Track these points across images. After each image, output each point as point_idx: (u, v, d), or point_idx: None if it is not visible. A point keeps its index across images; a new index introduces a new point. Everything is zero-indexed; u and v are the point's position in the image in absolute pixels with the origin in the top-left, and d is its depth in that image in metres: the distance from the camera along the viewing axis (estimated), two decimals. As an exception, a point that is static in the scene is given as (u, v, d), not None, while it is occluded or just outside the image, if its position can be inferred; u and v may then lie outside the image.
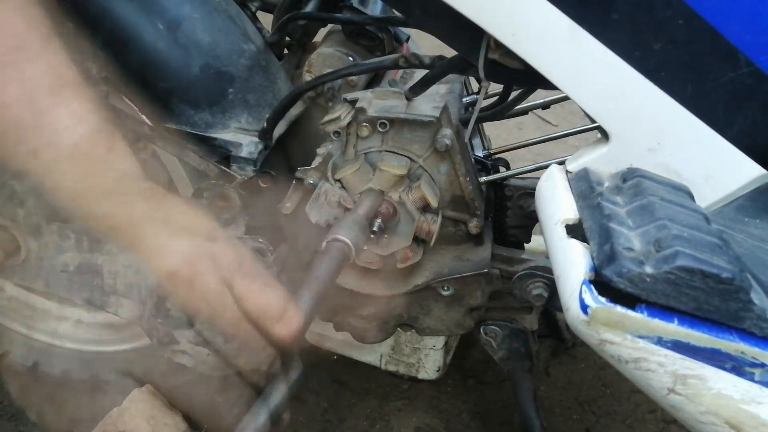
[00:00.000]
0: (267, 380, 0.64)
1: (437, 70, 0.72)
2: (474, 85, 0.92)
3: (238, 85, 0.81)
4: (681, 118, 0.59)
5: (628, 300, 0.51)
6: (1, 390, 1.16)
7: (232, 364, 0.64)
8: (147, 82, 0.80)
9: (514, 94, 0.87)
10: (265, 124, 0.81)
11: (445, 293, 0.78)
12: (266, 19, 0.94)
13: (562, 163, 0.67)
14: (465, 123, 0.79)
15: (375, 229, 0.73)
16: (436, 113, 0.72)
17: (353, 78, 0.86)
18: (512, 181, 0.86)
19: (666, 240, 0.51)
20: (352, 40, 0.90)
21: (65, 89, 0.55)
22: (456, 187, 0.75)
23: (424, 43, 0.97)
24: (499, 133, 1.86)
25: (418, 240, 0.76)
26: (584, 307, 0.51)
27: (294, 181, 0.79)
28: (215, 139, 0.82)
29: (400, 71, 0.92)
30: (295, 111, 0.88)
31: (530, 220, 0.88)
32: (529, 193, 0.85)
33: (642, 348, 0.52)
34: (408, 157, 0.74)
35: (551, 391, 1.24)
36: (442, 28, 0.68)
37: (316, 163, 0.76)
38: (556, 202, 0.62)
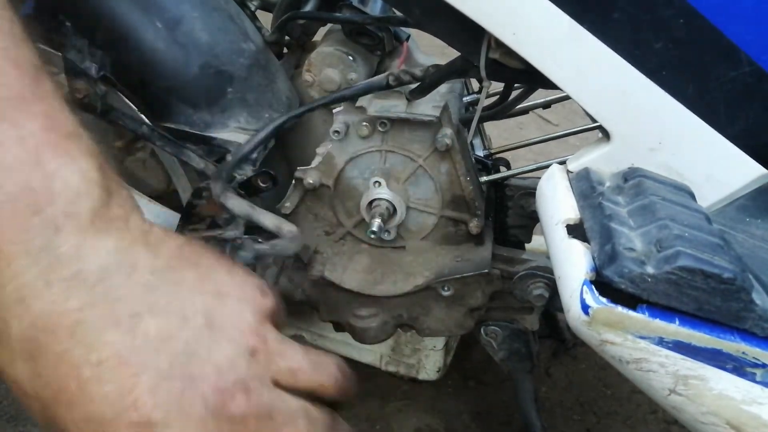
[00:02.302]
0: None
1: (436, 75, 0.72)
2: (474, 84, 0.92)
3: (237, 85, 0.81)
4: (682, 118, 0.59)
5: (629, 300, 0.51)
6: (0, 390, 1.16)
7: None
8: (145, 81, 0.80)
9: (514, 93, 0.87)
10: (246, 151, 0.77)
11: (446, 293, 0.78)
12: (266, 18, 0.94)
13: (563, 162, 0.67)
14: (465, 123, 0.79)
15: (375, 229, 0.73)
16: (437, 113, 0.71)
17: (353, 77, 0.85)
18: (513, 181, 0.85)
19: (667, 240, 0.51)
20: (352, 39, 0.89)
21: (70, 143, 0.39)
22: (456, 186, 0.75)
23: (425, 43, 0.96)
24: (499, 132, 1.86)
25: None
26: (585, 308, 0.51)
27: (294, 181, 0.79)
28: (214, 138, 0.82)
29: (402, 67, 0.91)
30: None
31: (531, 220, 0.88)
32: (530, 192, 0.84)
33: (643, 348, 0.52)
34: (408, 157, 0.74)
35: (552, 391, 1.24)
36: (442, 28, 0.68)
37: (315, 162, 0.76)
38: (557, 202, 0.62)
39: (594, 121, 0.64)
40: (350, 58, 0.88)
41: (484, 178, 0.82)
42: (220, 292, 0.42)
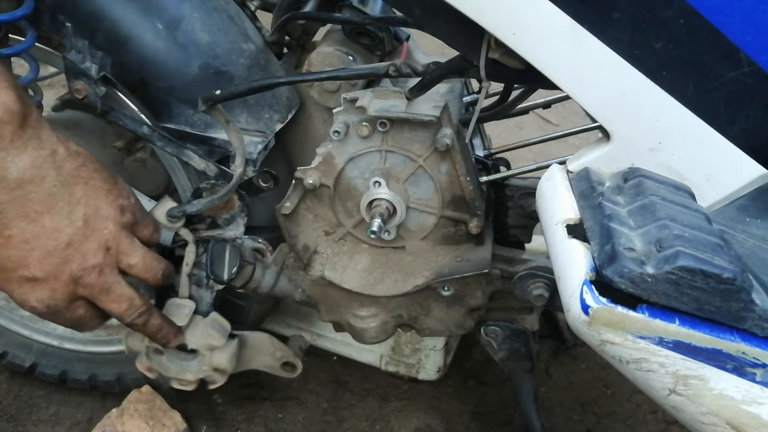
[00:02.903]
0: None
1: (436, 73, 0.72)
2: (475, 84, 0.92)
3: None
4: (682, 118, 0.59)
5: (629, 300, 0.51)
6: (0, 390, 1.16)
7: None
8: (146, 81, 0.80)
9: (514, 93, 0.87)
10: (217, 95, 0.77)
11: (446, 293, 0.78)
12: (266, 18, 0.94)
13: (563, 162, 0.67)
14: (465, 123, 0.79)
15: (375, 229, 0.73)
16: (437, 113, 0.71)
17: (353, 77, 0.85)
18: (513, 181, 0.85)
19: (667, 240, 0.51)
20: (352, 39, 0.89)
21: None
22: (456, 186, 0.75)
23: (425, 42, 0.96)
24: (499, 132, 1.86)
25: None
26: (585, 308, 0.51)
27: (294, 181, 0.79)
28: (215, 139, 0.82)
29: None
30: (293, 110, 0.88)
31: (531, 220, 0.87)
32: (530, 192, 0.84)
33: (643, 348, 0.52)
34: (408, 157, 0.74)
35: (552, 391, 1.24)
36: (442, 28, 0.68)
37: (315, 162, 0.76)
38: (557, 202, 0.62)
39: (594, 121, 0.64)
40: (350, 58, 0.88)
41: (484, 178, 0.82)
42: (97, 206, 0.68)
